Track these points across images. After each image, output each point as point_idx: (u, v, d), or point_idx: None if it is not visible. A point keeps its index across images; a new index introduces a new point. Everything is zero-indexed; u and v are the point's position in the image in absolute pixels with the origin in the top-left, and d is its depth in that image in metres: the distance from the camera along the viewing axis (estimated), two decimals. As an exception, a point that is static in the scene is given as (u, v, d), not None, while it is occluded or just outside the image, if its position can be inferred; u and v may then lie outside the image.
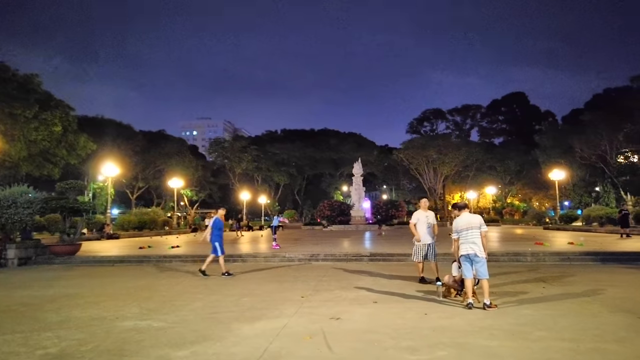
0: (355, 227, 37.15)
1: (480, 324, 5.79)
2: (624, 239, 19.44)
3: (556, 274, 10.37)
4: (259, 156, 56.59)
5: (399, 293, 8.28)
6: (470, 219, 7.01)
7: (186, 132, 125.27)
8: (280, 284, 9.70)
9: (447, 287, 7.78)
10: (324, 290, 8.82)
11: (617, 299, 7.28)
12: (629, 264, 12.21)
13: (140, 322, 6.47)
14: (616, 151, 43.47)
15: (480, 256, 6.73)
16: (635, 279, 9.69)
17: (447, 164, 55.97)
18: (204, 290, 9.17)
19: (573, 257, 12.98)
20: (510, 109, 69.05)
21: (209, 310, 7.20)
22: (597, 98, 57.27)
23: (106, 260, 15.14)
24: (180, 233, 34.02)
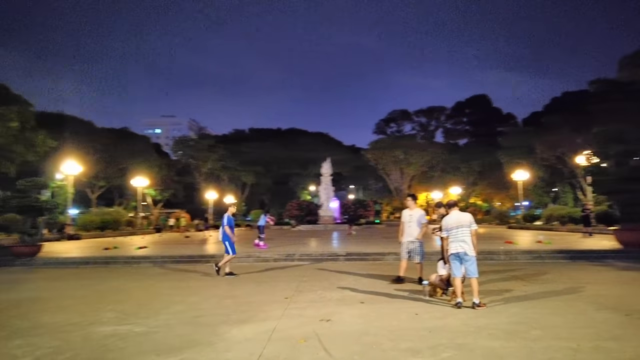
0: (324, 227, 37.09)
1: (474, 323, 5.74)
2: (587, 238, 20.08)
3: (532, 272, 10.53)
4: (225, 155, 55.68)
5: (383, 293, 8.18)
6: (460, 217, 6.98)
7: (150, 130, 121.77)
8: (259, 285, 9.45)
9: (433, 286, 7.74)
10: (307, 290, 8.62)
11: (598, 296, 7.41)
12: (597, 261, 12.57)
13: (119, 327, 6.11)
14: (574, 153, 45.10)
15: (470, 255, 6.70)
16: (608, 276, 9.95)
17: (413, 165, 56.72)
18: (182, 292, 8.81)
19: (545, 255, 13.26)
20: (474, 111, 70.52)
21: (191, 313, 6.89)
22: (556, 101, 59.22)
23: (70, 261, 14.44)
24: (145, 233, 33.02)
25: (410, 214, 9.28)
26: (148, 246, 19.10)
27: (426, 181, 61.40)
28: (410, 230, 9.15)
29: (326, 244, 19.38)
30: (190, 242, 23.29)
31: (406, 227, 9.22)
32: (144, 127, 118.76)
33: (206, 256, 14.68)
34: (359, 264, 12.87)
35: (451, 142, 67.44)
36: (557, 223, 30.67)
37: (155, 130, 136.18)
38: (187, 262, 13.99)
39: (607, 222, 24.80)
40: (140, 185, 38.18)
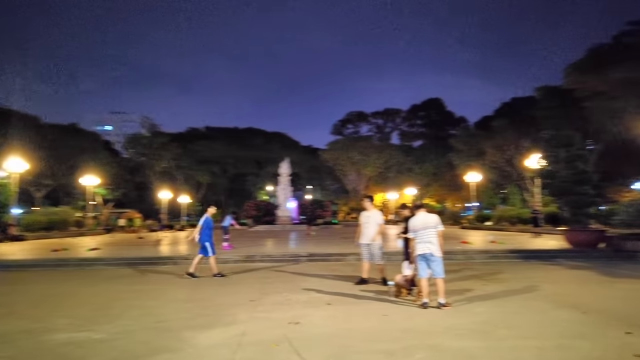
0: (282, 227, 36.86)
1: (442, 323, 5.82)
2: (536, 238, 20.95)
3: (489, 271, 10.85)
4: (180, 154, 54.37)
5: (349, 294, 8.19)
6: (426, 218, 7.08)
7: (99, 127, 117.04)
8: (222, 287, 9.24)
9: (399, 286, 7.82)
10: (271, 292, 8.50)
11: (555, 295, 7.71)
12: (549, 260, 13.12)
13: (76, 334, 5.80)
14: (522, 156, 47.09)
15: (437, 255, 6.81)
16: (560, 275, 10.39)
17: (370, 166, 57.45)
18: (140, 296, 8.49)
19: (500, 255, 13.72)
20: (428, 114, 72.31)
21: (152, 318, 6.62)
22: (505, 106, 61.71)
23: (17, 264, 13.62)
24: (95, 234, 31.67)
25: (367, 215, 9.32)
26: (100, 248, 18.32)
27: (382, 182, 62.33)
28: (367, 231, 9.18)
29: (287, 245, 19.25)
30: (144, 243, 22.51)
31: (364, 228, 9.24)
32: (93, 124, 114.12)
33: (163, 258, 14.24)
34: (321, 265, 12.85)
35: (406, 143, 68.81)
36: (507, 223, 31.86)
37: (105, 127, 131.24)
38: (143, 264, 13.48)
39: (554, 223, 25.99)
40: (90, 184, 36.60)
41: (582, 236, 14.22)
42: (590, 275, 10.16)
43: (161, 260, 13.95)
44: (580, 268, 11.43)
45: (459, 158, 52.46)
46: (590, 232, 14.43)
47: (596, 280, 9.36)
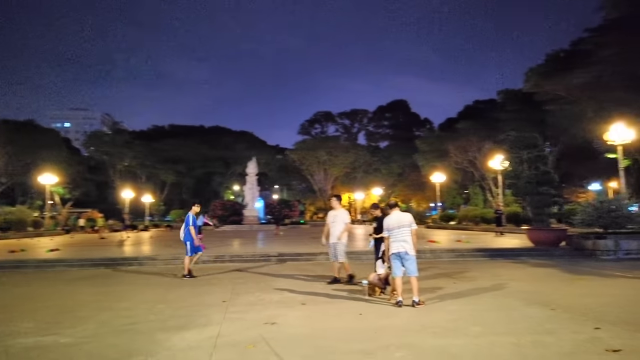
0: (249, 227, 36.49)
1: (417, 322, 5.88)
2: (499, 237, 21.54)
3: (457, 270, 11.07)
4: (143, 152, 53.05)
5: (322, 293, 8.17)
6: (400, 217, 7.14)
7: (58, 124, 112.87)
8: (193, 288, 9.05)
9: (372, 285, 7.85)
10: (244, 293, 8.39)
11: (523, 292, 7.93)
12: (513, 258, 13.52)
13: (42, 338, 5.55)
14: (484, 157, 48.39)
15: (411, 254, 6.87)
16: (525, 272, 10.69)
17: (337, 166, 57.70)
18: (108, 298, 8.22)
19: (466, 254, 14.02)
20: (394, 115, 73.23)
21: (123, 320, 6.41)
22: (468, 108, 63.27)
23: (-29, 267, 12.94)
24: (54, 234, 30.49)
25: (334, 214, 9.31)
26: (60, 248, 17.63)
27: (349, 182, 62.73)
28: (334, 230, 9.16)
29: (256, 245, 19.08)
30: (107, 243, 21.85)
31: (331, 227, 9.22)
32: (51, 120, 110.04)
33: (128, 258, 13.83)
34: (292, 265, 12.80)
35: (373, 144, 69.50)
36: (471, 223, 32.63)
37: (65, 124, 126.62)
38: (108, 265, 13.08)
39: (515, 222, 26.83)
40: (48, 182, 35.19)
41: (545, 235, 14.71)
42: (555, 272, 10.51)
43: (126, 260, 13.56)
44: (544, 266, 11.81)
45: (423, 159, 53.34)
46: (552, 231, 14.95)
47: (560, 278, 9.68)
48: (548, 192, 15.07)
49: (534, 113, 39.13)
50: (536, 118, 38.60)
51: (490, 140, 47.45)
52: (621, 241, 13.40)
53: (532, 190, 15.16)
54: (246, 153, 57.51)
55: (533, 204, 15.32)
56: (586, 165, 47.52)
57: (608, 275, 10.01)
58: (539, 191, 15.14)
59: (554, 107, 36.56)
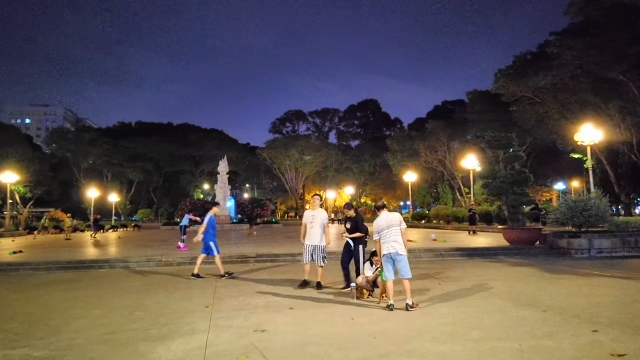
0: (220, 227, 35.53)
1: (413, 326, 5.72)
2: (472, 235, 21.78)
3: (439, 270, 11.06)
4: (109, 150, 51.47)
5: (308, 297, 7.95)
6: (390, 217, 6.97)
7: (17, 120, 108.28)
8: (171, 293, 8.66)
9: (360, 288, 7.69)
10: (226, 297, 8.08)
11: (510, 293, 7.91)
12: (491, 258, 13.64)
13: (12, 351, 5.13)
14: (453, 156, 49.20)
15: (403, 254, 6.73)
16: (506, 272, 10.73)
17: (308, 164, 57.54)
18: (80, 304, 7.75)
19: (445, 253, 14.05)
20: (365, 115, 73.70)
21: (100, 329, 6.01)
22: (437, 109, 64.27)
23: None
24: (15, 235, 29.14)
25: (312, 214, 8.96)
26: (24, 250, 16.79)
27: (320, 181, 62.71)
28: (312, 232, 8.82)
29: (231, 246, 18.66)
30: (73, 245, 20.99)
31: (309, 228, 8.90)
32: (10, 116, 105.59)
33: (99, 261, 13.23)
34: (271, 266, 12.53)
35: (344, 143, 69.70)
36: (443, 222, 32.99)
37: (25, 120, 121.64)
38: (77, 268, 12.49)
39: (487, 221, 27.25)
40: (9, 180, 33.59)
41: (520, 234, 14.90)
42: (534, 272, 10.59)
43: (96, 263, 12.99)
44: (522, 265, 11.93)
45: (394, 158, 53.78)
46: (527, 230, 15.17)
47: (541, 277, 9.75)
48: (523, 191, 15.29)
49: (502, 114, 39.97)
50: (504, 118, 39.41)
51: (458, 140, 48.37)
52: (594, 240, 13.72)
53: (508, 189, 15.34)
54: (216, 151, 56.68)
55: (508, 203, 15.50)
56: (550, 164, 48.97)
57: (587, 274, 10.15)
58: (515, 191, 15.34)
59: (520, 107, 37.43)
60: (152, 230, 38.36)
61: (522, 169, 15.55)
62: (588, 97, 32.99)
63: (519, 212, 15.21)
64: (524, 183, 15.24)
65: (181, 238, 16.71)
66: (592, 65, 30.99)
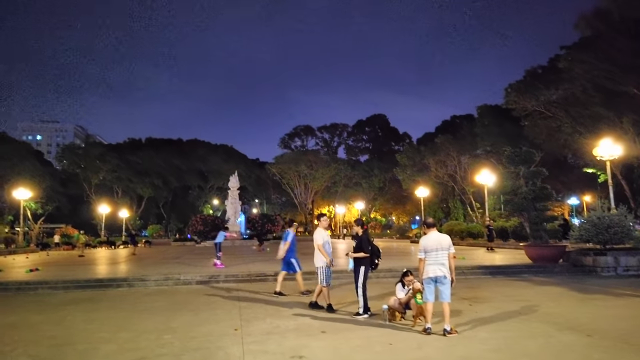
0: (231, 243, 35.65)
1: (456, 353, 5.52)
2: (490, 252, 21.37)
3: (466, 289, 10.80)
4: (119, 165, 51.67)
5: (339, 319, 7.76)
6: (440, 238, 6.75)
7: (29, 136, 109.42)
8: (196, 314, 8.47)
9: (392, 310, 7.47)
10: (253, 319, 7.89)
11: (548, 315, 7.65)
12: (515, 276, 13.35)
13: (45, 380, 4.96)
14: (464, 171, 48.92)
15: (449, 278, 6.53)
16: (536, 292, 10.46)
17: (317, 179, 57.40)
18: (105, 327, 7.58)
19: (467, 271, 13.77)
20: (373, 129, 73.65)
21: (130, 355, 5.84)
22: (446, 123, 64.12)
23: (-56, 291, 12.02)
24: (28, 252, 29.11)
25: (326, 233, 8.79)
26: (40, 268, 16.68)
27: (330, 196, 62.51)
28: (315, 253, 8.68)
29: (247, 263, 18.45)
30: (87, 262, 20.88)
31: (329, 249, 8.64)
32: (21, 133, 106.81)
33: (117, 279, 13.08)
34: (292, 285, 12.28)
35: (353, 158, 69.57)
36: (457, 238, 32.56)
37: (37, 136, 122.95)
38: (95, 286, 12.36)
39: (503, 238, 26.86)
40: (22, 197, 33.66)
41: (544, 251, 14.60)
42: (565, 291, 10.33)
43: (114, 282, 12.84)
44: (550, 284, 11.65)
45: (404, 173, 53.54)
46: (551, 247, 14.87)
47: (574, 297, 9.49)
48: (545, 207, 15.04)
49: (512, 128, 39.80)
50: (514, 133, 39.22)
51: (469, 155, 48.10)
52: (621, 257, 13.41)
53: (529, 206, 15.10)
54: (225, 166, 56.80)
55: (530, 219, 15.24)
56: (562, 179, 48.50)
57: (620, 294, 9.86)
58: (536, 207, 15.09)
59: (531, 122, 37.24)
60: (164, 246, 38.24)
61: (544, 185, 15.31)
62: (601, 110, 32.73)
63: (541, 228, 14.93)
64: (546, 199, 15.01)
65: (217, 255, 16.55)
66: (604, 79, 30.83)
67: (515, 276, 13.31)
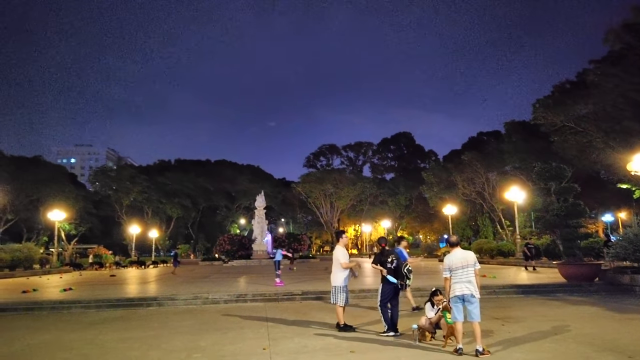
0: (258, 262, 35.85)
1: (490, 374, 5.38)
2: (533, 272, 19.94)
3: (496, 308, 10.55)
4: (149, 187, 52.83)
5: (367, 339, 7.66)
6: (465, 255, 6.61)
7: (63, 160, 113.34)
8: (224, 333, 8.51)
9: (422, 330, 7.35)
10: (281, 338, 7.87)
11: (585, 335, 7.39)
12: (548, 295, 12.96)
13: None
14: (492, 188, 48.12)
15: (476, 297, 6.38)
16: (571, 311, 10.12)
17: (343, 198, 57.31)
18: (136, 345, 7.68)
19: (498, 291, 13.45)
20: (398, 147, 73.44)
21: (163, 375, 5.90)
22: (472, 140, 63.46)
23: (-16, 309, 12.42)
24: (62, 272, 29.85)
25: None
26: (73, 287, 17.08)
27: (355, 214, 62.28)
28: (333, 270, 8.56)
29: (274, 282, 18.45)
30: (118, 281, 21.28)
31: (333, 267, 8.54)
32: (56, 156, 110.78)
33: (147, 299, 13.26)
34: (317, 304, 12.26)
35: (378, 176, 69.33)
36: (487, 256, 31.88)
37: (71, 159, 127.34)
38: (126, 306, 12.56)
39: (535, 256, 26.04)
40: (58, 218, 34.71)
41: (578, 270, 14.14)
42: (602, 311, 9.96)
43: (144, 301, 13.01)
44: (585, 303, 11.25)
45: (430, 191, 53.01)
46: (586, 265, 14.40)
47: (612, 318, 9.14)
48: (578, 224, 14.63)
49: (540, 144, 39.12)
50: (543, 149, 38.54)
51: (497, 171, 47.32)
52: (660, 276, 12.88)
53: (561, 223, 14.71)
54: (252, 186, 57.44)
55: (563, 237, 14.83)
56: (594, 196, 47.09)
57: (660, 314, 9.46)
58: (569, 224, 14.69)
59: (561, 138, 36.53)
60: (192, 266, 38.58)
61: (576, 201, 14.92)
62: (633, 125, 31.88)
63: (574, 246, 14.50)
64: (579, 216, 14.60)
65: (276, 273, 16.66)
66: (634, 92, 30.12)
67: (549, 295, 12.92)
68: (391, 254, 8.30)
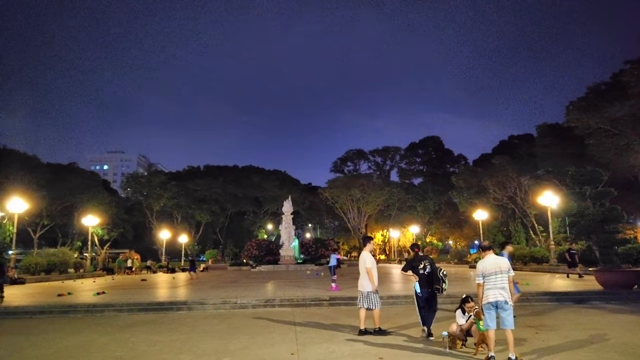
0: (285, 267, 35.91)
1: (524, 383, 5.21)
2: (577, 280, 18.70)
3: (530, 316, 10.28)
4: (179, 192, 53.71)
5: (396, 345, 7.56)
6: (499, 261, 6.44)
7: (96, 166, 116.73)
8: (253, 338, 8.54)
9: (453, 337, 7.20)
10: (309, 343, 7.85)
11: (624, 345, 7.11)
12: (583, 303, 12.52)
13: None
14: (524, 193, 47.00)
15: (510, 304, 6.21)
16: (609, 320, 9.75)
17: (371, 203, 56.86)
18: (167, 348, 7.79)
19: (531, 298, 13.08)
20: (427, 152, 72.42)
21: (192, 378, 5.94)
22: (503, 143, 62.26)
23: (22, 311, 12.83)
24: (95, 276, 30.63)
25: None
26: (106, 291, 17.49)
27: (383, 220, 61.76)
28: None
29: (302, 288, 18.46)
30: (149, 285, 21.67)
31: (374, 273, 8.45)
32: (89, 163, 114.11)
33: (177, 302, 13.46)
34: (345, 310, 12.17)
35: (406, 181, 68.54)
36: (520, 262, 31.10)
37: (104, 166, 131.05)
38: (157, 309, 12.78)
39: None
40: (92, 224, 35.69)
41: (616, 277, 13.64)
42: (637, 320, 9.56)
43: (175, 305, 13.21)
44: (624, 312, 10.82)
45: (460, 195, 52.17)
46: (624, 272, 13.87)
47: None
48: (616, 230, 14.12)
49: (574, 147, 38.11)
50: (577, 152, 37.53)
51: (529, 176, 46.18)
52: None
53: (598, 228, 14.22)
54: (279, 192, 57.73)
55: (599, 243, 14.33)
56: (632, 200, 45.40)
57: None
58: (605, 229, 14.19)
59: (596, 140, 35.51)
60: (220, 270, 38.96)
61: (613, 205, 14.40)
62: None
63: (612, 252, 13.98)
64: (617, 221, 14.09)
65: (332, 278, 16.79)
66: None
67: (584, 303, 12.48)
68: (424, 260, 8.29)
